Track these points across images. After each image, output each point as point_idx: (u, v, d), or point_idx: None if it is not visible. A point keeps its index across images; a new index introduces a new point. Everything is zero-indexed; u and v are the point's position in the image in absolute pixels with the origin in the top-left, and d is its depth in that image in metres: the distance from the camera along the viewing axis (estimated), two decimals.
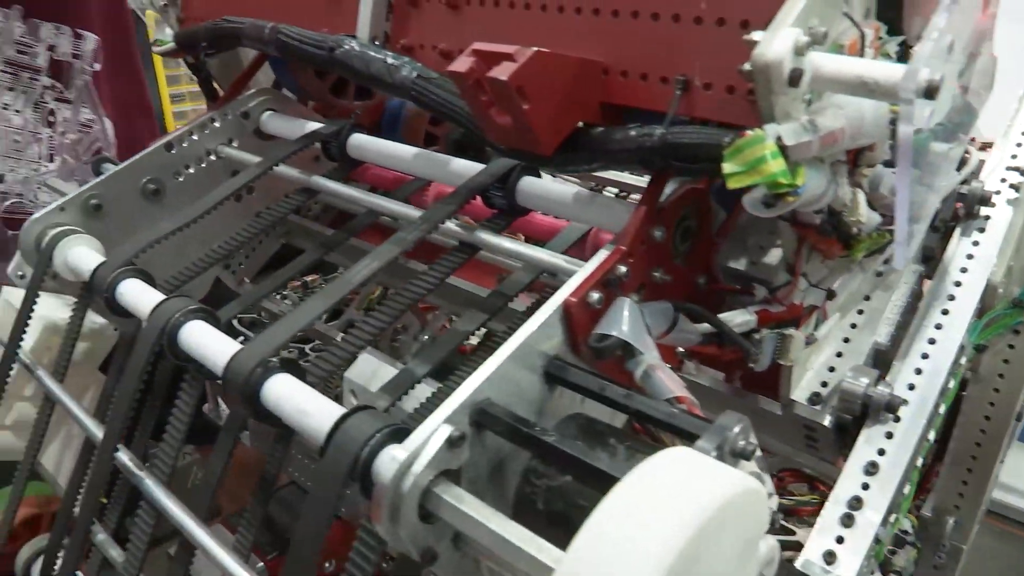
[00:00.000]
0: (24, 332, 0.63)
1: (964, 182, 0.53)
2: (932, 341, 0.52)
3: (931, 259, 0.57)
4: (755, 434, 0.35)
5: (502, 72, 0.40)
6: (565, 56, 0.41)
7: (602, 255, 0.42)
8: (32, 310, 0.63)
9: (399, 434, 0.36)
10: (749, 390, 0.57)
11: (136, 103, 1.24)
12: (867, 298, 0.56)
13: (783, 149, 0.35)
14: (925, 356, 0.51)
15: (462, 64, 0.42)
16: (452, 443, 0.35)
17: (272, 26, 0.59)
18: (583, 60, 0.42)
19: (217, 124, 0.74)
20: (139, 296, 0.55)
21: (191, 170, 0.74)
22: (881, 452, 0.48)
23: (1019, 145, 0.59)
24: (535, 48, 0.40)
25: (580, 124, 0.44)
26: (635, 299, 0.43)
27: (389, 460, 0.35)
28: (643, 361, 0.39)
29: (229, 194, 0.65)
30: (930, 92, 0.32)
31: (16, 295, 0.68)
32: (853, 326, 0.55)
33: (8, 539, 0.69)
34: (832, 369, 0.53)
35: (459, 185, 0.55)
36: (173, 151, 0.72)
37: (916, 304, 0.55)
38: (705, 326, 0.45)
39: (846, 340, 0.54)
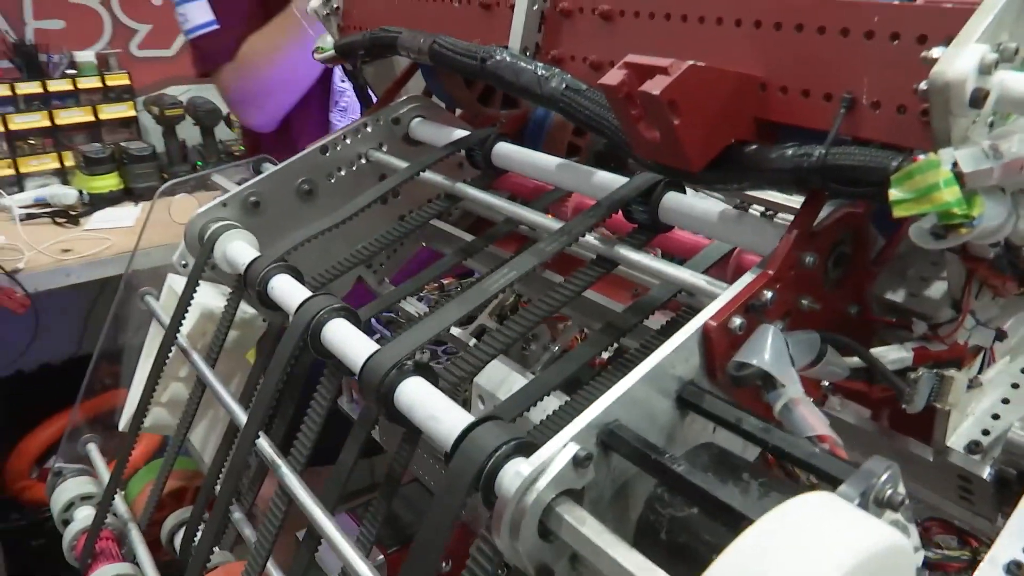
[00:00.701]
0: (183, 318, 0.68)
1: None
2: None
3: None
4: (904, 482, 0.32)
5: (654, 86, 0.39)
6: (722, 71, 0.40)
7: (747, 278, 0.40)
8: (191, 298, 0.68)
9: (525, 448, 0.36)
10: (898, 431, 0.53)
11: None
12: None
13: (959, 176, 0.32)
14: None
15: (613, 77, 0.42)
16: (578, 462, 0.34)
17: (428, 36, 0.61)
18: (741, 75, 0.41)
19: (369, 129, 0.78)
20: (288, 292, 0.58)
21: (343, 172, 0.77)
22: None
23: None
24: (690, 62, 0.39)
25: (732, 140, 0.42)
26: (779, 327, 0.41)
27: (513, 474, 0.34)
28: (784, 394, 0.37)
29: (377, 197, 0.68)
30: None
31: (179, 282, 0.73)
32: (1023, 370, 0.49)
33: (157, 508, 0.75)
34: (996, 416, 0.48)
35: (601, 198, 0.55)
36: (327, 154, 0.76)
37: None
38: (855, 360, 0.42)
39: (1015, 386, 0.49)
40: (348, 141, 0.77)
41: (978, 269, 0.40)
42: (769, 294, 0.40)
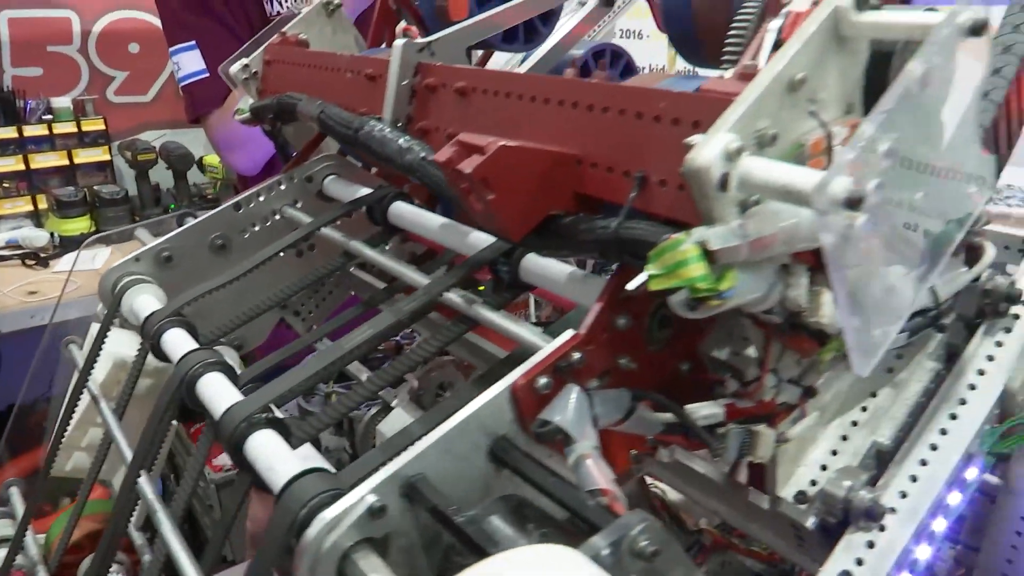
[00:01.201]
0: (93, 366, 0.71)
1: (976, 279, 0.50)
2: (934, 447, 0.49)
3: (956, 356, 0.54)
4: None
5: (468, 165, 0.42)
6: (534, 150, 0.44)
7: (560, 340, 0.43)
8: (100, 348, 0.71)
9: (337, 497, 0.39)
10: (750, 481, 0.55)
11: None
12: (873, 395, 0.53)
13: (710, 253, 0.35)
14: (924, 462, 0.48)
15: (443, 154, 0.45)
16: (373, 513, 0.37)
17: (318, 104, 0.65)
18: (555, 153, 0.44)
19: (283, 187, 0.81)
20: (177, 345, 0.61)
21: (256, 228, 0.81)
22: (859, 562, 0.45)
23: None
24: (502, 143, 0.43)
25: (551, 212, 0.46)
26: (595, 384, 0.44)
27: (318, 521, 0.37)
28: (576, 449, 0.40)
29: (276, 251, 0.71)
30: (852, 203, 0.32)
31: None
32: (854, 423, 0.52)
33: (71, 550, 0.76)
34: (824, 467, 0.51)
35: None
36: (240, 210, 0.80)
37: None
38: (669, 415, 0.45)
39: (844, 438, 0.52)
40: (262, 198, 0.81)
41: (770, 333, 0.43)
42: (578, 355, 0.43)
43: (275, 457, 0.45)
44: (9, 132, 2.23)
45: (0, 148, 2.23)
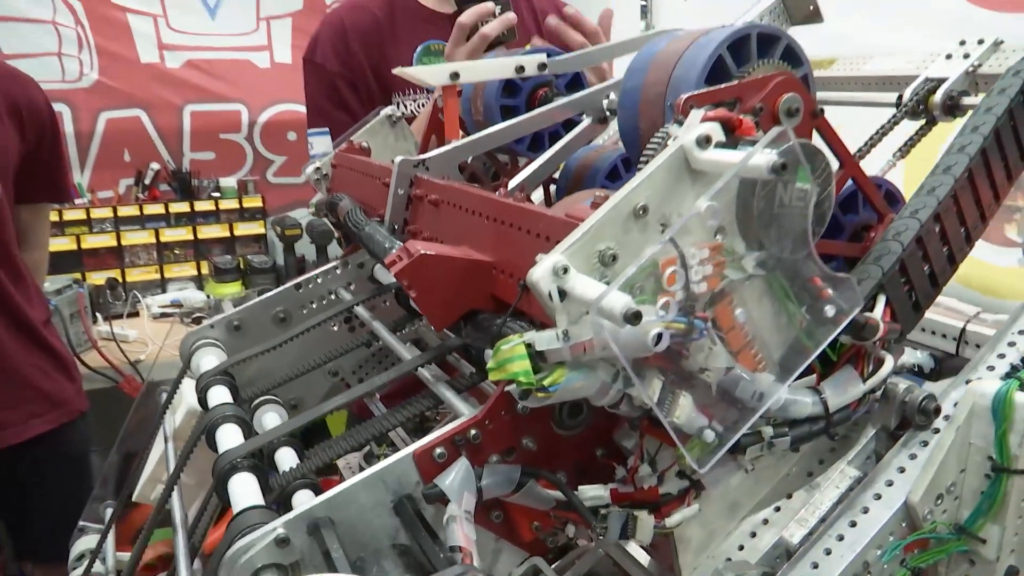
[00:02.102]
0: (164, 415, 0.86)
1: (872, 390, 0.52)
2: (828, 551, 0.51)
3: None
4: None
5: (395, 268, 0.52)
6: (451, 257, 0.53)
7: (462, 419, 0.51)
8: (172, 398, 0.86)
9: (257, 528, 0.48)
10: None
11: None
12: (789, 496, 0.56)
13: (540, 354, 0.42)
14: (815, 565, 0.51)
15: (390, 256, 0.55)
16: (279, 542, 0.46)
17: (345, 205, 0.77)
18: (472, 261, 0.53)
19: (339, 271, 0.95)
20: (215, 399, 0.74)
21: (314, 305, 0.94)
22: None
23: None
24: (422, 251, 0.52)
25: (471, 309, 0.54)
26: (496, 459, 0.51)
27: (236, 544, 0.47)
28: (448, 511, 0.47)
29: (316, 323, 0.84)
30: (630, 318, 0.38)
31: (190, 385, 0.92)
32: (765, 522, 0.55)
33: (144, 569, 0.90)
34: (730, 559, 0.54)
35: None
36: (301, 290, 0.93)
37: None
38: (559, 493, 0.51)
39: (753, 535, 0.55)
40: (320, 280, 0.94)
41: (644, 426, 0.48)
42: (474, 432, 0.50)
43: (239, 494, 0.55)
44: (183, 207, 2.60)
45: (175, 220, 2.60)
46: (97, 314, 2.31)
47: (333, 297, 0.95)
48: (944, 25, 1.91)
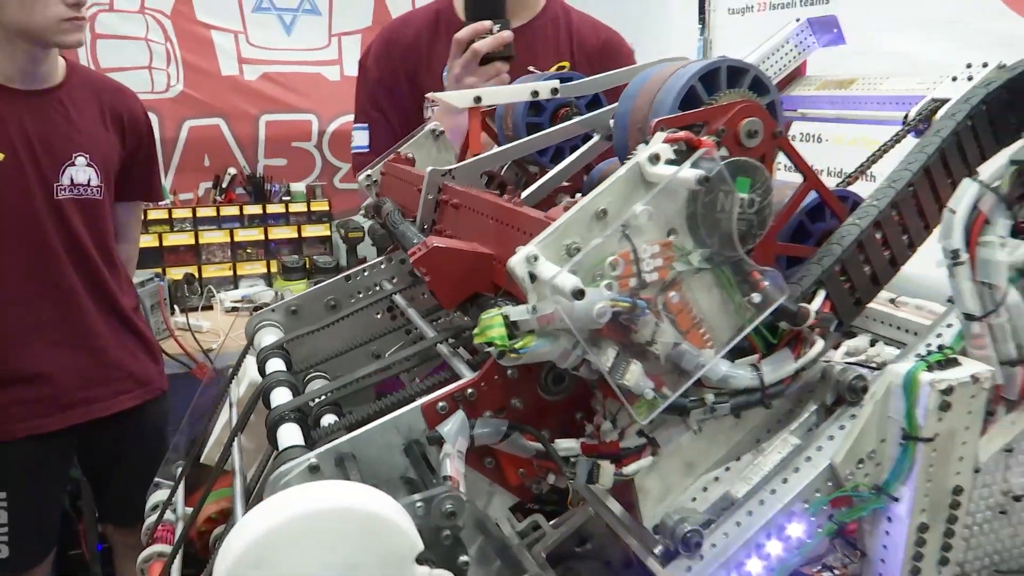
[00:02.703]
0: (230, 384, 1.00)
1: (803, 368, 0.61)
2: (761, 502, 0.61)
3: None
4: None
5: (414, 256, 0.64)
6: (458, 250, 0.65)
7: (462, 380, 0.63)
8: (237, 371, 1.00)
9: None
10: None
11: None
12: (738, 459, 0.66)
13: (514, 323, 0.54)
14: (749, 513, 0.61)
15: (413, 248, 0.68)
16: (311, 469, 0.58)
17: (387, 208, 0.91)
18: (476, 253, 0.65)
19: (383, 266, 1.08)
20: (272, 368, 0.87)
21: (360, 295, 1.08)
22: None
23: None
24: (436, 243, 0.64)
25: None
26: (488, 415, 0.63)
27: (278, 470, 0.59)
28: (444, 450, 0.58)
29: (358, 309, 0.97)
30: (576, 294, 0.49)
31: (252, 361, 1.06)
32: (716, 479, 0.65)
33: (206, 522, 1.05)
34: (694, 500, 0.65)
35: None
36: (350, 281, 1.07)
37: None
38: (539, 444, 0.62)
39: (704, 489, 0.65)
40: (367, 273, 1.08)
41: (605, 390, 0.59)
42: (471, 391, 0.62)
43: (284, 438, 0.68)
44: (256, 209, 2.81)
45: (248, 221, 2.81)
46: (175, 306, 2.52)
47: (378, 288, 1.08)
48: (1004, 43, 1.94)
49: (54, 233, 1.67)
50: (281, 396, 0.78)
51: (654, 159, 0.56)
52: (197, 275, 2.72)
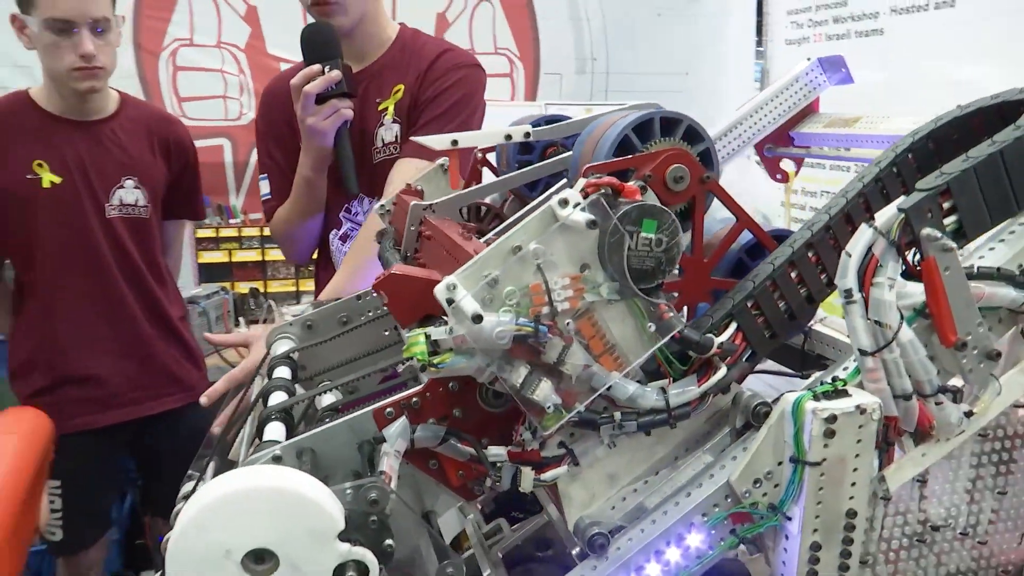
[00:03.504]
0: (251, 386, 1.12)
1: (706, 393, 0.68)
2: (665, 512, 0.67)
3: None
4: None
5: (375, 282, 0.74)
6: (411, 276, 0.74)
7: (410, 391, 0.72)
8: (257, 373, 1.12)
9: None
10: None
11: None
12: (656, 473, 0.72)
13: (435, 342, 0.62)
14: (653, 521, 0.67)
15: (379, 275, 0.78)
16: (275, 459, 0.68)
17: (385, 234, 1.01)
18: (428, 280, 0.74)
19: None
20: (277, 375, 0.99)
21: (371, 313, 1.18)
22: None
23: None
24: (394, 271, 0.74)
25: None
26: (432, 422, 0.71)
27: (250, 459, 0.70)
28: (381, 449, 0.67)
29: (357, 325, 1.08)
30: (475, 318, 0.58)
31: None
32: (635, 491, 0.72)
33: None
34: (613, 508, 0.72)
35: None
36: (361, 300, 1.18)
37: None
38: (472, 450, 0.70)
39: (623, 499, 0.72)
40: (375, 294, 1.18)
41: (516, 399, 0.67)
42: (415, 399, 0.71)
43: (267, 434, 0.79)
44: None
45: None
46: (240, 318, 2.71)
47: (385, 307, 1.19)
48: None
49: (106, 249, 1.88)
50: (277, 398, 0.89)
51: (563, 203, 0.64)
52: (262, 290, 2.92)
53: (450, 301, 0.62)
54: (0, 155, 1.82)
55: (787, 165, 1.53)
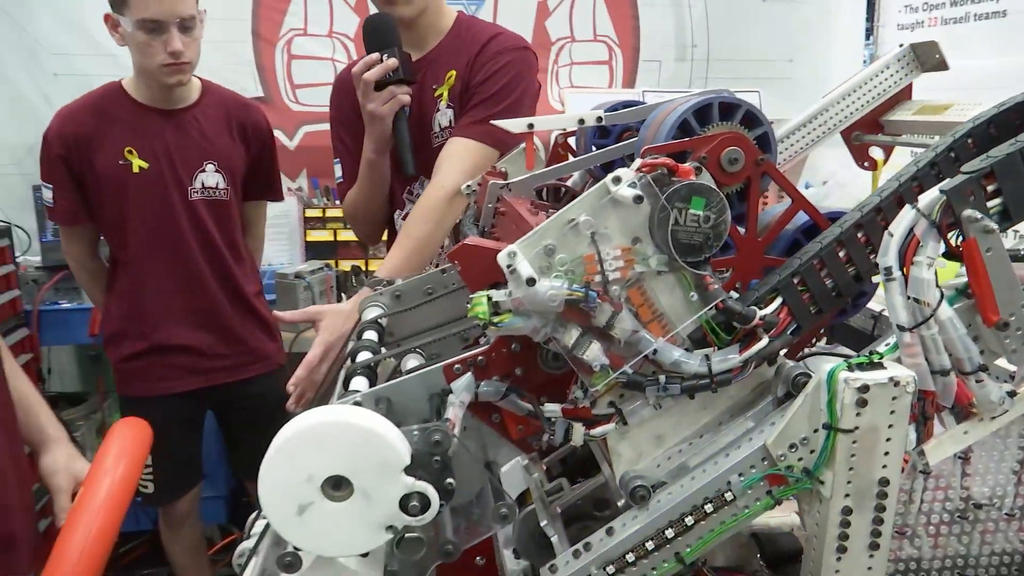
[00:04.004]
0: (344, 348, 1.24)
1: (747, 361, 0.72)
2: (704, 471, 0.73)
3: None
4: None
5: (448, 251, 0.82)
6: (481, 247, 0.81)
7: (479, 349, 0.80)
8: (349, 338, 1.23)
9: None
10: None
11: None
12: (700, 436, 0.77)
13: (497, 303, 0.70)
14: (692, 478, 0.73)
15: (455, 246, 0.86)
16: (355, 404, 0.78)
17: (468, 213, 1.09)
18: (495, 250, 0.81)
19: None
20: (368, 337, 1.09)
21: (454, 285, 1.27)
22: (623, 525, 0.72)
23: None
24: (466, 242, 0.82)
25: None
26: (496, 379, 0.79)
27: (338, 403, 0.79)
28: (449, 400, 0.76)
29: (442, 294, 1.17)
30: (528, 281, 0.65)
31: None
32: (680, 451, 0.77)
33: None
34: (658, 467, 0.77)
35: None
36: (445, 273, 1.27)
37: None
38: (530, 406, 0.78)
39: (668, 458, 0.77)
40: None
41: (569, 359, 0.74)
42: (481, 359, 0.79)
43: (353, 385, 0.88)
44: None
45: None
46: (342, 294, 2.88)
47: None
48: None
49: (188, 229, 2.08)
50: (363, 357, 0.99)
51: (616, 180, 0.70)
52: (364, 268, 3.07)
53: (510, 267, 0.70)
54: (97, 142, 2.03)
55: (876, 152, 1.51)
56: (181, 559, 2.34)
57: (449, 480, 0.72)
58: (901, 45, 1.46)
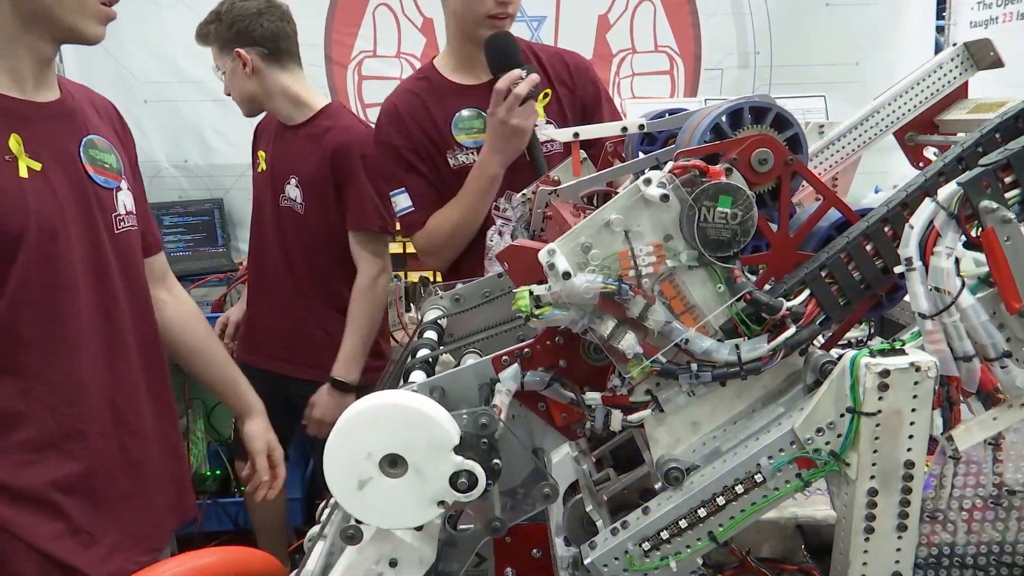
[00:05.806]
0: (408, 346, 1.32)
1: (775, 350, 0.76)
2: (735, 454, 0.77)
3: None
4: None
5: (496, 250, 0.89)
6: (525, 248, 0.88)
7: (524, 342, 0.86)
8: (413, 339, 1.31)
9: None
10: None
11: None
12: (735, 423, 0.81)
13: (538, 297, 0.76)
14: (724, 461, 0.77)
15: (503, 248, 0.93)
16: (412, 391, 0.85)
17: (520, 218, 1.16)
18: (538, 249, 0.88)
19: None
20: (428, 336, 1.17)
21: (510, 288, 1.34)
22: (659, 505, 0.77)
23: None
24: (513, 243, 0.88)
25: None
26: (541, 370, 0.85)
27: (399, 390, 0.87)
28: (497, 389, 0.82)
29: (499, 295, 1.24)
30: (564, 276, 0.71)
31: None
32: (714, 437, 0.82)
33: None
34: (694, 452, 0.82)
35: None
36: (502, 277, 1.34)
37: None
38: (572, 395, 0.83)
39: (704, 444, 0.82)
40: None
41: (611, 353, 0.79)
42: (527, 351, 0.85)
43: (412, 376, 0.96)
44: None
45: None
46: (411, 304, 2.98)
47: None
48: None
49: (273, 233, 2.33)
50: (422, 354, 1.07)
51: (647, 181, 0.75)
52: (432, 279, 3.18)
53: (549, 263, 0.76)
54: (254, 145, 2.43)
55: (930, 153, 1.51)
56: (263, 519, 2.63)
57: (496, 461, 0.78)
58: (954, 44, 1.46)
